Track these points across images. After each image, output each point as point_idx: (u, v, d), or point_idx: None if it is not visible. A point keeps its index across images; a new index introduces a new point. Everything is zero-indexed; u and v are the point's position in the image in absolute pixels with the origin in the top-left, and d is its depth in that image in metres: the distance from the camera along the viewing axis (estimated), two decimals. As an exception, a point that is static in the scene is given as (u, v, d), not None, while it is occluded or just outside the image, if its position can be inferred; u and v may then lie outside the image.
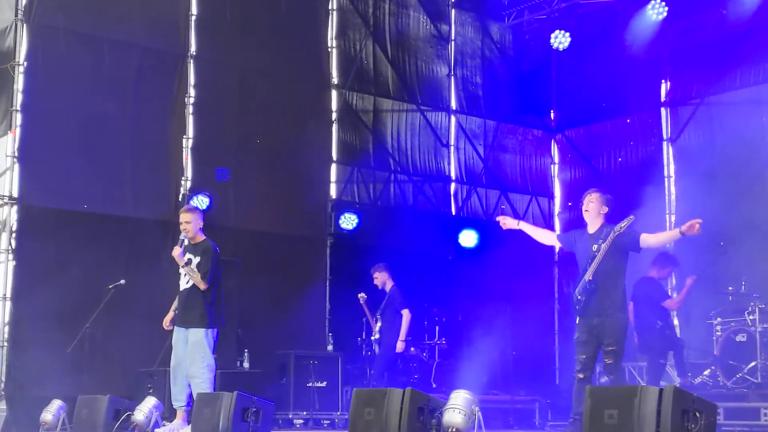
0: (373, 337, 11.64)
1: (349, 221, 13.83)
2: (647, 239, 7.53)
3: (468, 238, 14.83)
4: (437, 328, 13.07)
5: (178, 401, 8.61)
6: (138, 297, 10.92)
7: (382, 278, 11.56)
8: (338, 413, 11.67)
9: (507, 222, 8.28)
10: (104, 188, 11.76)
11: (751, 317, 10.74)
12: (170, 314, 8.83)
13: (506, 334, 13.73)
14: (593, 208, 7.79)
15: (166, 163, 12.46)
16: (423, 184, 15.27)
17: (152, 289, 11.04)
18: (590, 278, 7.54)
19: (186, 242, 8.72)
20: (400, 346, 11.29)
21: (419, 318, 13.12)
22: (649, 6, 13.70)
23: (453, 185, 15.71)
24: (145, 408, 8.77)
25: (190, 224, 8.72)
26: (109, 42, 12.03)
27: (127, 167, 11.92)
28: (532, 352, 14.53)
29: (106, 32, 12.02)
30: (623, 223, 7.47)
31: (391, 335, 11.31)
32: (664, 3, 13.61)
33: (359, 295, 11.76)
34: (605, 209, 7.78)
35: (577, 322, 7.78)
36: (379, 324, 11.49)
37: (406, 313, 11.27)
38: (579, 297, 7.65)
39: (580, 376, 7.70)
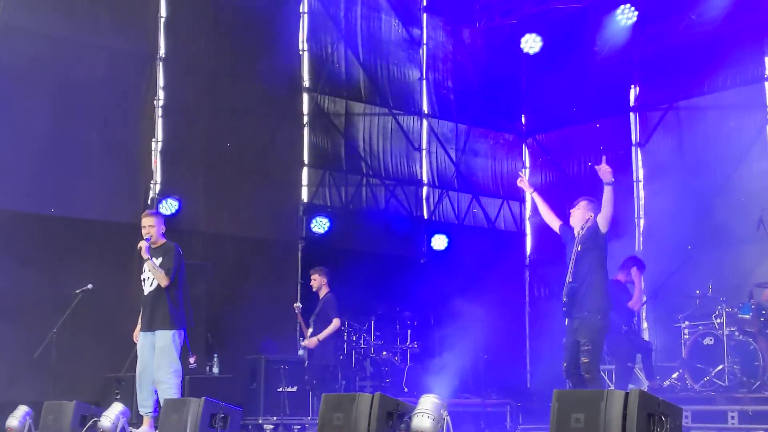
0: (302, 343, 11.26)
1: (320, 225, 13.81)
2: (601, 213, 7.72)
3: (439, 242, 14.85)
4: (409, 331, 13.07)
5: (145, 407, 8.54)
6: (105, 302, 10.82)
7: (319, 282, 10.98)
8: (309, 418, 11.62)
9: (524, 182, 8.54)
10: (72, 191, 11.66)
11: (718, 321, 10.81)
12: (138, 326, 8.74)
13: (478, 337, 13.72)
14: (578, 215, 7.89)
15: (135, 166, 12.38)
16: (395, 188, 15.28)
17: (120, 293, 10.96)
18: (570, 279, 7.63)
19: (148, 245, 8.69)
20: (312, 341, 10.70)
21: (391, 321, 13.12)
22: (619, 11, 13.79)
23: (425, 189, 15.73)
24: (112, 414, 8.69)
25: (153, 228, 8.67)
26: (78, 44, 11.94)
27: (95, 170, 11.83)
28: (504, 356, 14.56)
29: (74, 34, 11.93)
30: (585, 225, 7.64)
31: (323, 344, 10.76)
32: (633, 8, 13.70)
33: (295, 304, 11.22)
34: (590, 215, 7.83)
35: (566, 324, 7.84)
36: (310, 331, 10.83)
37: (335, 322, 10.70)
38: (564, 299, 7.70)
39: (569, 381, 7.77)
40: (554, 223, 8.34)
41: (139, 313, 8.79)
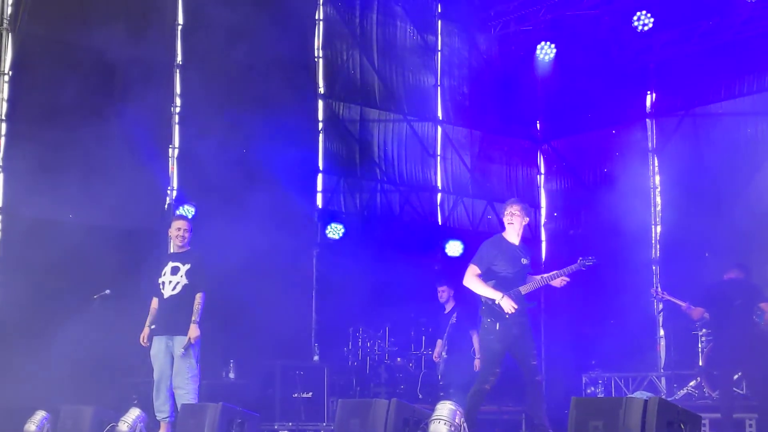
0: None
1: (335, 231, 13.82)
2: None
3: (454, 248, 14.84)
4: (423, 338, 13.05)
5: (162, 412, 8.56)
6: (124, 307, 10.85)
7: (447, 294, 11.95)
8: (324, 424, 11.63)
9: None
10: (90, 197, 11.70)
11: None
12: (146, 330, 8.74)
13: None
14: (518, 221, 7.93)
15: (152, 172, 12.42)
16: (409, 194, 15.28)
17: (137, 299, 10.97)
18: (526, 294, 7.84)
19: (171, 249, 8.75)
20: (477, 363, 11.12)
21: (405, 328, 13.12)
22: (635, 17, 13.76)
23: (439, 195, 15.73)
24: (129, 419, 8.71)
25: (187, 232, 8.78)
26: (95, 51, 11.99)
27: (112, 177, 11.86)
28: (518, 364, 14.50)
29: (92, 41, 11.98)
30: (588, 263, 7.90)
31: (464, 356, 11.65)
32: (649, 14, 13.66)
33: None
34: (526, 219, 7.97)
35: (497, 327, 7.80)
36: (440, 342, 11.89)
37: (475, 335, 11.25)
38: (512, 306, 7.69)
39: (488, 387, 7.97)
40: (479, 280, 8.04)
41: (147, 319, 8.81)
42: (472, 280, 7.92)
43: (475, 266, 7.95)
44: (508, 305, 7.68)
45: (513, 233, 7.95)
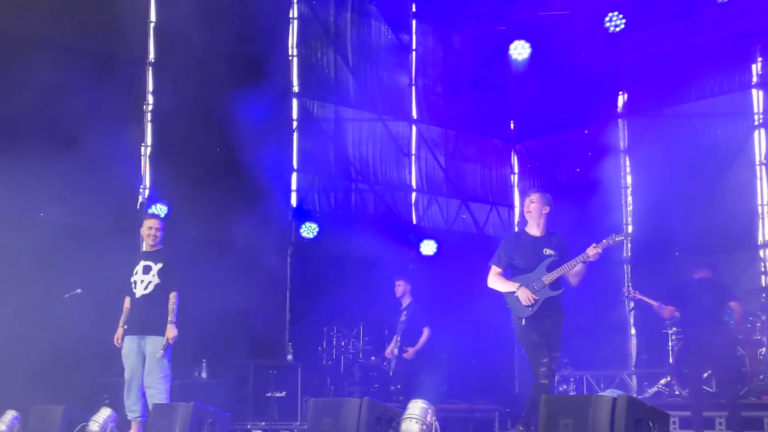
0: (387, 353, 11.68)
1: (309, 230, 13.81)
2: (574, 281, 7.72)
3: (428, 247, 14.88)
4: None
5: (133, 412, 8.54)
6: (94, 306, 10.80)
7: (403, 289, 11.73)
8: (297, 423, 11.63)
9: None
10: (61, 196, 11.62)
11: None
12: (120, 331, 8.71)
13: (466, 342, 13.78)
14: (535, 209, 7.71)
15: (124, 171, 12.36)
16: (384, 193, 15.30)
17: (109, 298, 10.92)
18: (551, 282, 7.50)
19: (143, 248, 8.75)
20: (410, 352, 11.25)
21: (380, 327, 13.13)
22: (607, 18, 13.84)
23: (414, 194, 15.76)
24: (100, 419, 8.69)
25: (159, 231, 8.76)
26: (67, 49, 11.93)
27: (84, 175, 11.79)
28: (492, 361, 14.58)
29: (63, 39, 11.92)
30: (556, 239, 7.65)
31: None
32: (621, 15, 13.74)
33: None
34: (546, 209, 7.73)
35: (523, 323, 7.60)
36: (396, 338, 11.52)
37: (427, 331, 11.34)
38: (533, 304, 7.50)
39: (545, 382, 7.51)
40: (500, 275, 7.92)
41: (120, 319, 8.78)
42: (492, 280, 7.79)
43: (493, 266, 7.81)
44: (524, 296, 7.48)
45: (533, 224, 7.73)
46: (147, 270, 8.65)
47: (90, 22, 12.23)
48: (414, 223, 15.61)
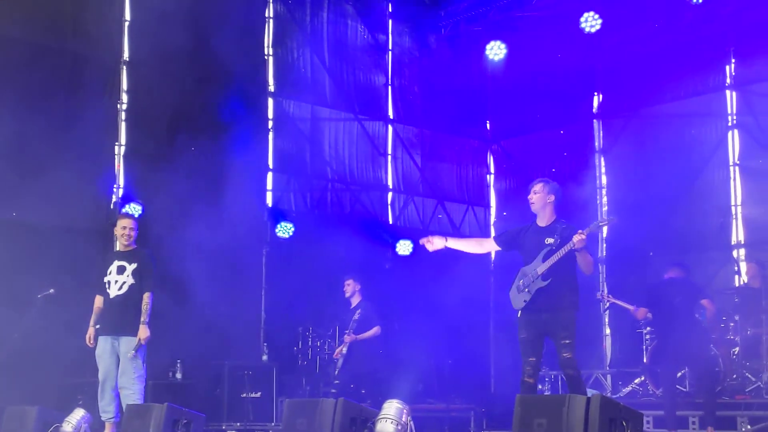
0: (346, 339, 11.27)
1: (285, 230, 13.77)
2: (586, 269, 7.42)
3: (404, 247, 14.88)
4: (374, 337, 13.06)
5: (107, 413, 8.50)
6: (68, 306, 10.72)
7: (353, 288, 11.46)
8: (273, 424, 11.61)
9: (434, 242, 7.82)
10: (34, 196, 11.53)
11: (680, 326, 10.93)
12: (91, 330, 8.66)
13: (442, 342, 13.81)
14: (538, 199, 7.50)
15: (97, 170, 12.28)
16: (360, 193, 15.29)
17: (83, 298, 10.85)
18: (543, 272, 7.29)
19: (117, 248, 8.71)
20: (351, 336, 11.08)
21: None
22: (583, 19, 13.89)
23: (390, 194, 15.76)
24: (74, 419, 8.64)
25: (133, 231, 8.72)
26: (40, 47, 11.83)
27: (57, 175, 11.70)
28: (468, 361, 14.62)
29: (37, 37, 11.82)
30: (559, 225, 7.37)
31: (362, 349, 11.23)
32: (597, 16, 13.80)
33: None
34: (551, 197, 7.48)
35: (519, 315, 7.48)
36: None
37: (377, 329, 11.19)
38: (526, 291, 7.38)
39: (530, 381, 7.38)
40: (488, 245, 8.05)
41: (91, 319, 8.72)
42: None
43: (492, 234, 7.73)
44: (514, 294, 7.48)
45: (540, 215, 7.52)
46: (121, 270, 8.62)
47: (64, 21, 12.14)
48: (390, 222, 15.61)
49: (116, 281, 8.61)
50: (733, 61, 13.54)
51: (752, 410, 9.93)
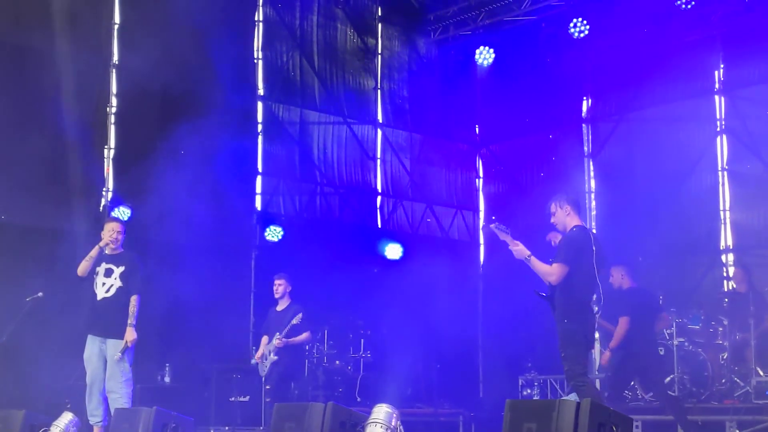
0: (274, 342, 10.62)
1: (274, 233, 13.77)
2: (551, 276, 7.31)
3: (393, 251, 14.88)
4: (362, 341, 13.07)
5: (95, 417, 8.48)
6: (56, 310, 10.68)
7: (285, 288, 10.73)
8: (261, 428, 11.56)
9: (518, 248, 7.30)
10: (22, 198, 11.49)
11: (668, 331, 10.98)
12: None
13: (430, 347, 13.80)
14: (558, 218, 7.54)
15: (87, 173, 12.24)
16: (349, 197, 15.29)
17: (71, 301, 10.82)
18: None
19: (105, 251, 8.70)
20: (281, 340, 10.34)
21: (344, 331, 13.11)
22: (572, 24, 13.93)
23: (379, 198, 15.76)
24: (62, 423, 8.56)
25: (120, 234, 8.72)
26: (30, 50, 11.80)
27: (46, 178, 11.67)
28: (456, 365, 14.62)
29: (26, 40, 11.78)
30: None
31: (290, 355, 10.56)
32: (585, 21, 13.85)
33: None
34: (568, 208, 7.48)
35: None
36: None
37: (308, 335, 10.65)
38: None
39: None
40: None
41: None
42: None
43: None
44: None
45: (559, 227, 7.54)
46: (109, 273, 8.62)
47: (54, 24, 12.09)
48: (379, 226, 15.61)
49: (103, 284, 8.61)
50: (721, 65, 13.60)
51: (741, 414, 9.95)
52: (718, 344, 11.00)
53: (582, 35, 13.97)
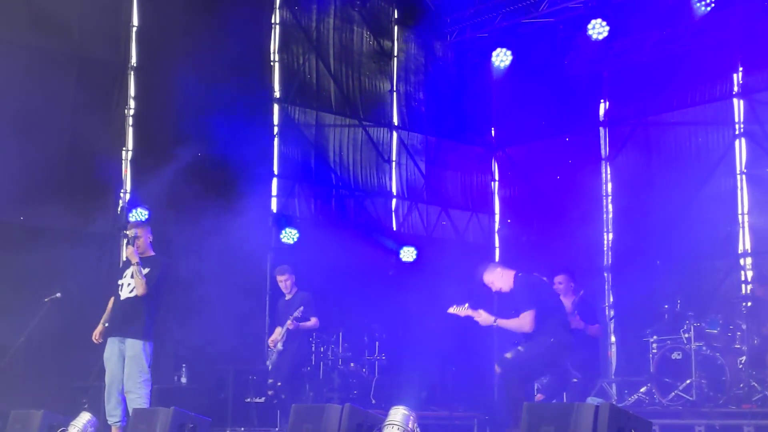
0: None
1: (289, 236, 13.77)
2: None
3: (408, 254, 14.87)
4: (377, 343, 13.07)
5: (113, 417, 8.51)
6: (74, 311, 10.72)
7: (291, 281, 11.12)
8: (277, 429, 11.57)
9: (481, 317, 8.82)
10: (41, 200, 11.55)
11: (686, 335, 10.93)
12: (100, 327, 8.73)
13: (446, 349, 13.76)
14: (494, 281, 8.64)
15: (105, 175, 12.29)
16: (364, 199, 15.28)
17: (89, 302, 10.85)
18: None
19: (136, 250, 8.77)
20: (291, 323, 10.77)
21: (359, 333, 13.11)
22: (590, 26, 13.89)
23: (394, 201, 15.75)
24: (80, 423, 8.58)
25: (141, 238, 8.75)
26: (48, 53, 11.86)
27: (65, 179, 11.73)
28: (471, 368, 14.57)
29: (45, 43, 11.84)
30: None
31: (295, 349, 10.97)
32: (604, 23, 13.79)
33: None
34: (498, 270, 8.67)
35: None
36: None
37: (316, 321, 10.97)
38: None
39: None
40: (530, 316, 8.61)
41: (103, 316, 8.80)
42: None
43: None
44: None
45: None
46: (140, 263, 8.68)
47: (72, 26, 12.15)
48: (394, 229, 15.59)
49: (129, 284, 8.69)
50: (740, 69, 13.53)
51: (758, 419, 9.89)
52: (736, 348, 10.93)
53: (600, 37, 13.89)
